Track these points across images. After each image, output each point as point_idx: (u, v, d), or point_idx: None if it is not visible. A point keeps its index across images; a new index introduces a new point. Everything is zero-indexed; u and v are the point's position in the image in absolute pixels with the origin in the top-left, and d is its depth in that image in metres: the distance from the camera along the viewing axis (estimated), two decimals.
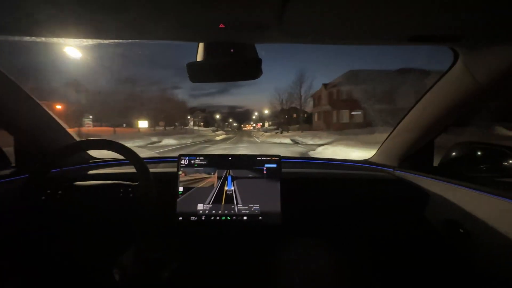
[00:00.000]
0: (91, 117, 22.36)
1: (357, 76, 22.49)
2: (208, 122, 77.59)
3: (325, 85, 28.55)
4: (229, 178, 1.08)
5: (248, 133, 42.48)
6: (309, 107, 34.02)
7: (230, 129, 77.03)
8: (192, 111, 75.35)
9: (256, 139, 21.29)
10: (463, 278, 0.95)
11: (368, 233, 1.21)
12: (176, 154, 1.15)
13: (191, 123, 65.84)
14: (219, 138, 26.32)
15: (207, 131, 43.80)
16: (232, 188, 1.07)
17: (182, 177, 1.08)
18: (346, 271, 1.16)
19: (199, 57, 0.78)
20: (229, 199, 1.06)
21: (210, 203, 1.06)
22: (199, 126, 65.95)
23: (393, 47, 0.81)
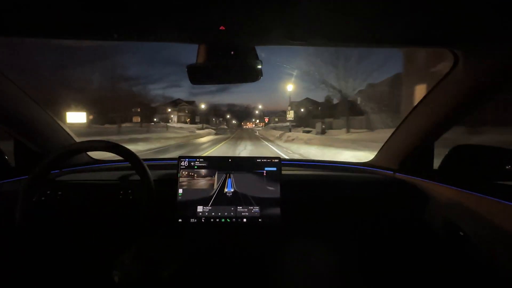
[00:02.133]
0: None
1: None
2: (199, 117, 62.30)
3: None
4: (229, 180, 1.08)
5: (251, 134, 29.11)
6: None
7: (225, 127, 61.94)
8: (176, 103, 60.73)
9: (282, 154, 9.16)
10: (462, 281, 0.95)
11: (368, 236, 1.21)
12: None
13: (175, 118, 54.59)
14: (202, 140, 17.49)
15: (189, 129, 29.44)
16: (232, 190, 1.07)
17: (182, 179, 1.08)
18: (346, 274, 1.16)
19: (200, 59, 0.78)
20: (229, 201, 1.06)
21: (210, 205, 1.06)
22: (185, 122, 52.99)
23: None
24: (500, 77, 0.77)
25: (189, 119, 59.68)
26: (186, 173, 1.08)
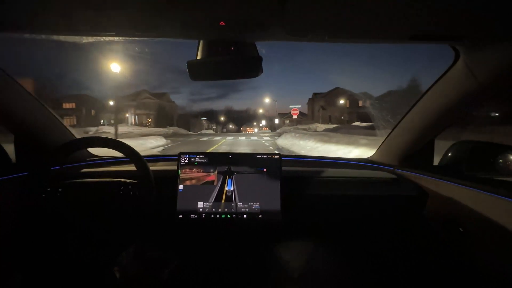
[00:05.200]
0: None
1: None
2: (170, 118, 40.72)
3: None
4: (230, 177, 1.08)
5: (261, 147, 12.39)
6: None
7: (212, 131, 43.34)
8: (136, 96, 39.81)
9: None
10: (462, 277, 0.95)
11: (367, 232, 1.22)
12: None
13: (131, 118, 37.37)
14: None
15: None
16: (232, 186, 1.07)
17: (182, 175, 1.08)
18: (346, 270, 1.16)
19: (200, 55, 0.78)
20: (229, 197, 1.06)
21: (210, 201, 1.06)
22: (147, 124, 36.34)
23: None
24: (501, 73, 0.77)
25: (149, 120, 39.21)
26: (187, 169, 1.08)
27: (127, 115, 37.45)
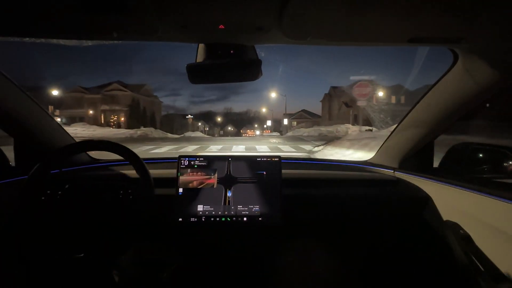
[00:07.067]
0: None
1: None
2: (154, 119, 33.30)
3: None
4: (229, 179, 1.08)
5: None
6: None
7: (201, 133, 29.85)
8: (101, 88, 30.98)
9: None
10: (462, 279, 0.94)
11: (367, 234, 1.21)
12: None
13: (99, 118, 29.68)
14: None
15: None
16: (232, 189, 1.07)
17: (182, 178, 1.08)
18: (346, 272, 1.16)
19: (199, 58, 0.78)
20: (229, 200, 1.06)
21: (210, 204, 1.05)
22: (114, 124, 29.59)
23: None
24: (499, 76, 0.77)
25: (114, 117, 30.75)
26: (186, 172, 1.08)
27: (90, 111, 29.85)
